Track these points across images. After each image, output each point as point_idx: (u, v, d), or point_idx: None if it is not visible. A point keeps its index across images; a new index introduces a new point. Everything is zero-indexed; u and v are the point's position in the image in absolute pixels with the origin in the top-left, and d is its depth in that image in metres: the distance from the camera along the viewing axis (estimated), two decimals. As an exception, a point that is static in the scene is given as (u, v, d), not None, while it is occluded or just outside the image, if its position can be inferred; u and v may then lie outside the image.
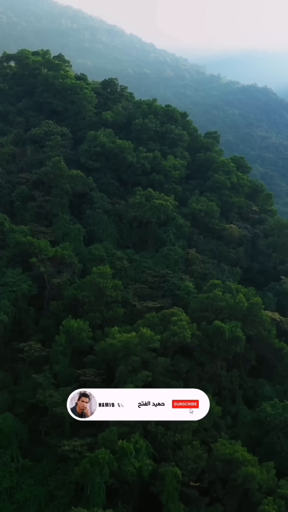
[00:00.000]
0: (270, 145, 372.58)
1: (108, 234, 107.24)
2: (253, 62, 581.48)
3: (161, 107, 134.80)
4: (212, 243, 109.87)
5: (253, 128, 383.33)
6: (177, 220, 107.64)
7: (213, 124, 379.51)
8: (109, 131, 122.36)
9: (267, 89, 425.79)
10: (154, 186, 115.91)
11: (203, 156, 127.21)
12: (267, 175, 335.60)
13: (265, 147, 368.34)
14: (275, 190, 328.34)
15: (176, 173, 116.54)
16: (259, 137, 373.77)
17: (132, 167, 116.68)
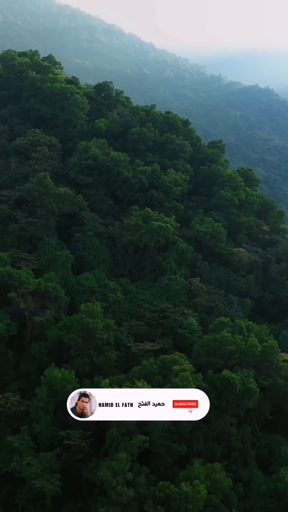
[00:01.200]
0: (273, 147, 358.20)
1: (100, 261, 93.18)
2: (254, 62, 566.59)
3: (161, 114, 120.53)
4: (218, 271, 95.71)
5: (255, 130, 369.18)
6: (179, 245, 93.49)
7: (214, 126, 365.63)
8: (102, 142, 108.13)
9: (269, 90, 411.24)
10: (153, 204, 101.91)
11: (207, 169, 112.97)
12: (270, 178, 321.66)
13: (267, 149, 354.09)
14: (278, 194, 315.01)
15: (177, 190, 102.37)
16: (262, 140, 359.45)
17: (128, 183, 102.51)
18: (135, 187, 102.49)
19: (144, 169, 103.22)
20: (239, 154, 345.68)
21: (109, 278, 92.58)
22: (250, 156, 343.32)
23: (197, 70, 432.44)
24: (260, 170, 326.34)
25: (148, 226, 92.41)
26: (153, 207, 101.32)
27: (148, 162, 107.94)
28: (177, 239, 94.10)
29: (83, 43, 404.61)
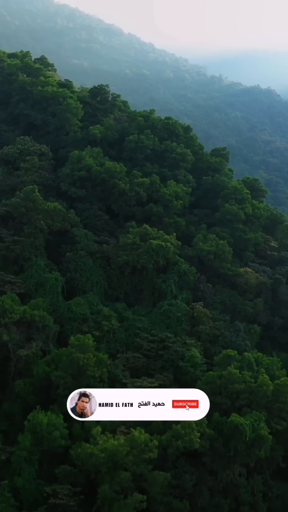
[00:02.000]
0: (275, 149, 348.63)
1: (93, 283, 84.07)
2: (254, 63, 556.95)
3: (160, 120, 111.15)
4: (223, 294, 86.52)
5: (257, 131, 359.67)
6: (180, 266, 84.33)
7: (215, 128, 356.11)
8: (96, 151, 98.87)
9: (270, 90, 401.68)
10: (152, 219, 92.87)
11: (210, 179, 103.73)
12: (272, 181, 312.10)
13: (269, 151, 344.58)
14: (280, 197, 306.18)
15: (178, 204, 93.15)
16: (263, 141, 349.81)
17: (124, 196, 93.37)
18: (132, 201, 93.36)
19: (142, 180, 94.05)
20: (240, 157, 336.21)
21: (103, 302, 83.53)
22: (252, 159, 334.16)
23: (198, 71, 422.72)
24: (261, 173, 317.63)
25: (146, 246, 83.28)
26: (152, 222, 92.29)
27: (146, 173, 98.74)
28: (178, 260, 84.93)
29: (82, 43, 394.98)
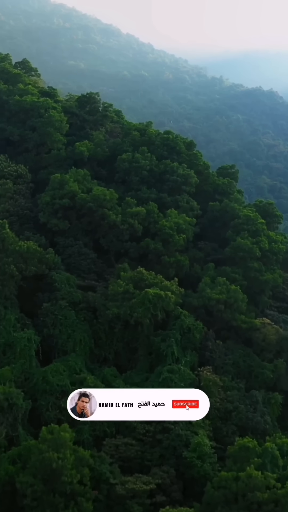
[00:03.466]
0: (278, 153, 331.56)
1: (76, 342, 66.88)
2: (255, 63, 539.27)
3: (158, 134, 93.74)
4: (236, 353, 69.29)
5: (259, 135, 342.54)
6: (183, 320, 67.13)
7: (216, 131, 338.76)
8: (83, 174, 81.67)
9: (273, 92, 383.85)
10: (148, 258, 75.88)
11: (218, 205, 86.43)
12: (275, 187, 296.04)
13: (272, 156, 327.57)
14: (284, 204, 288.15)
15: (180, 239, 75.92)
16: (266, 145, 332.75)
17: (115, 229, 76.25)
18: (125, 235, 76.19)
19: (137, 210, 76.89)
20: (242, 161, 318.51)
21: (88, 366, 66.54)
22: (254, 163, 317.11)
23: (198, 72, 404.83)
24: (265, 178, 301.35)
25: (142, 296, 66.10)
26: (148, 262, 75.29)
27: (142, 199, 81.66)
28: (180, 312, 67.70)
29: (78, 43, 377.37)
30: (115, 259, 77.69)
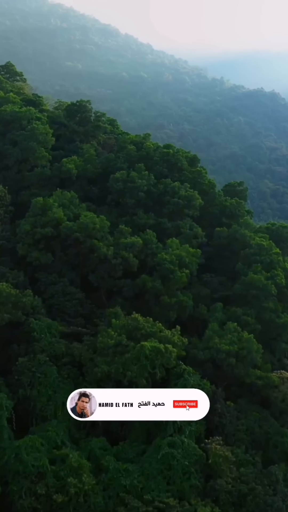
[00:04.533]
0: (281, 157, 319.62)
1: (58, 405, 54.44)
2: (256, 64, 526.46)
3: (157, 148, 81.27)
4: (250, 417, 57.04)
5: (261, 138, 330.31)
6: (187, 380, 54.73)
7: (217, 134, 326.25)
8: (69, 196, 69.42)
9: (275, 94, 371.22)
10: (145, 298, 63.73)
11: (225, 232, 74.07)
12: (278, 192, 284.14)
13: (274, 159, 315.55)
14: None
15: (182, 275, 63.69)
16: (268, 148, 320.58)
17: (107, 264, 64.03)
18: (117, 271, 63.96)
19: (132, 241, 64.67)
20: (244, 165, 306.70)
21: (73, 434, 54.44)
22: (256, 167, 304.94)
23: (198, 73, 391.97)
24: (267, 183, 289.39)
25: (137, 350, 53.91)
26: (145, 302, 63.22)
27: (138, 226, 69.59)
28: (183, 369, 55.52)
29: (76, 44, 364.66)
30: (106, 297, 65.57)
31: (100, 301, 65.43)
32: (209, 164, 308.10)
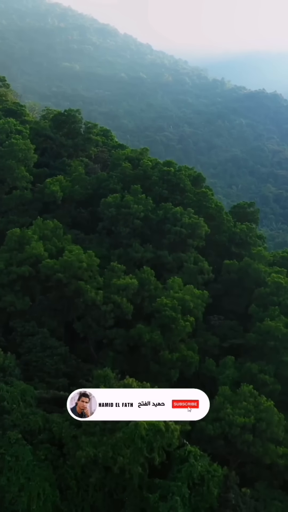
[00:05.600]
0: (283, 160, 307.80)
1: (32, 496, 43.09)
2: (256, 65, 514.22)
3: (156, 165, 69.69)
4: (271, 507, 45.71)
5: (263, 140, 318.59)
6: (193, 466, 43.30)
7: (218, 137, 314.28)
8: (52, 226, 57.97)
9: (277, 95, 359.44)
10: (141, 354, 52.27)
11: (236, 265, 62.49)
12: (281, 197, 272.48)
13: (277, 163, 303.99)
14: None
15: (186, 325, 52.22)
16: (271, 151, 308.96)
17: (95, 311, 52.61)
18: (108, 319, 52.54)
19: (126, 283, 53.23)
20: (246, 169, 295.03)
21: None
22: (259, 171, 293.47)
23: (198, 74, 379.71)
24: (270, 187, 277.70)
25: (130, 429, 42.61)
26: (142, 357, 51.80)
27: (133, 260, 58.28)
28: (188, 452, 44.15)
29: (74, 44, 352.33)
30: (95, 349, 54.15)
31: (88, 353, 54.01)
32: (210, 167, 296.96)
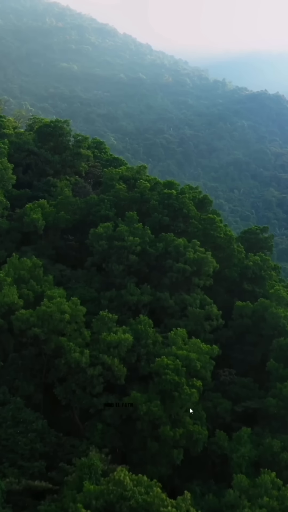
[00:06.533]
0: (286, 163, 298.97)
1: None
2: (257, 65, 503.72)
3: (155, 186, 59.28)
4: None
5: (266, 143, 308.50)
6: None
7: (220, 139, 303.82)
8: (30, 266, 47.64)
9: (279, 96, 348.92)
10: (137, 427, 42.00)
11: (249, 308, 51.71)
12: (285, 201, 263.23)
13: (280, 166, 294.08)
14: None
15: (192, 392, 41.88)
16: (273, 154, 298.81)
17: (80, 375, 42.30)
18: (95, 385, 42.20)
19: (118, 339, 42.81)
20: (248, 172, 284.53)
21: None
22: (261, 174, 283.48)
23: (199, 75, 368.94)
24: (272, 191, 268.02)
25: None
26: (138, 433, 41.52)
27: (128, 305, 47.93)
28: None
29: (72, 44, 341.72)
30: (81, 418, 43.86)
31: (73, 424, 43.77)
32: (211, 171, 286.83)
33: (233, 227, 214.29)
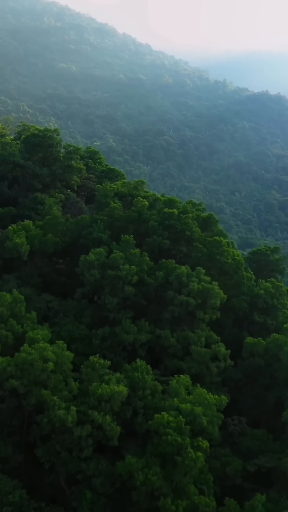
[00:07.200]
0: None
1: None
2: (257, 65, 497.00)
3: (154, 203, 52.65)
4: None
5: (267, 144, 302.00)
6: None
7: (221, 141, 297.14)
8: (10, 301, 40.92)
9: (280, 97, 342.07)
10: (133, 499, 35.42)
11: (261, 345, 44.66)
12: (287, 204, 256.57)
13: (282, 168, 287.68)
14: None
15: (198, 457, 35.26)
16: (275, 156, 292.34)
17: (65, 435, 35.68)
18: (84, 447, 35.54)
19: (111, 392, 36.17)
20: (249, 174, 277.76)
21: None
22: (263, 176, 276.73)
23: (199, 75, 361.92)
24: (274, 194, 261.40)
25: None
26: (134, 505, 34.93)
27: (122, 344, 41.32)
28: None
29: (70, 44, 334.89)
30: (67, 482, 37.24)
31: (57, 489, 37.15)
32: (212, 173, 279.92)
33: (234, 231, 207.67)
